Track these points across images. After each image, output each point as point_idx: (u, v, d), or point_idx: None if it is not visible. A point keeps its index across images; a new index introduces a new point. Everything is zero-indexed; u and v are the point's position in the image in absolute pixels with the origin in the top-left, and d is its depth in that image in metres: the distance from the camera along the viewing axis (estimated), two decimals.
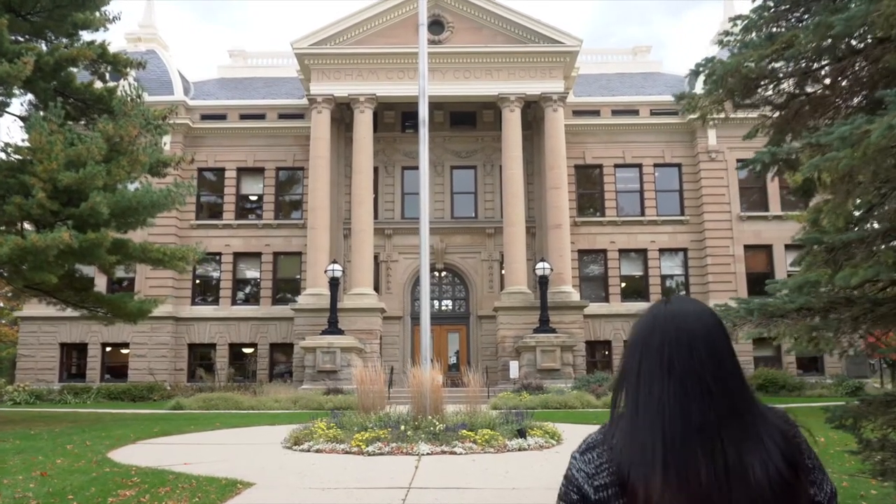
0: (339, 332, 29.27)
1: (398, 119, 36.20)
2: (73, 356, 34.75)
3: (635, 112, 36.34)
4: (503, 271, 33.40)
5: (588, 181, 36.46)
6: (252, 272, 35.89)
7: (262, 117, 36.56)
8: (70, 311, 24.08)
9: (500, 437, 12.82)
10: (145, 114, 18.96)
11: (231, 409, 23.77)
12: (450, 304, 35.41)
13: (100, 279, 32.23)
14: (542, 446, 12.94)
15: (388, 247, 34.92)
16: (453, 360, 33.91)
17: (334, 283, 29.41)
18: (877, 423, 5.65)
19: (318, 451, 12.54)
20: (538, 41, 32.93)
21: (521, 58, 32.81)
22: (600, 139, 36.01)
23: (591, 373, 30.46)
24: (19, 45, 18.65)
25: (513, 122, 32.45)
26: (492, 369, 30.81)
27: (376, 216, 34.04)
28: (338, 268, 29.47)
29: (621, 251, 35.24)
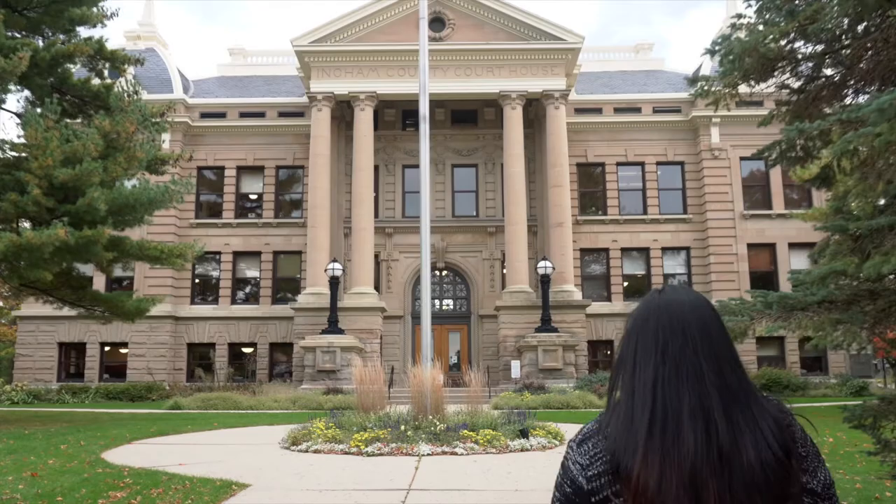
0: (340, 332, 29.05)
1: (399, 117, 35.97)
2: (72, 356, 34.54)
3: (638, 110, 36.10)
4: (504, 270, 33.18)
5: (590, 179, 36.22)
6: (252, 271, 35.67)
7: (261, 115, 36.34)
8: (69, 311, 23.84)
9: (503, 438, 12.59)
10: (142, 110, 18.71)
11: (230, 409, 23.56)
12: (451, 303, 35.18)
13: (98, 279, 32.06)
14: (544, 447, 12.71)
15: (389, 246, 34.69)
16: (454, 359, 33.69)
17: (334, 282, 29.19)
18: None
19: (316, 451, 12.32)
20: (540, 38, 32.69)
21: (523, 55, 32.57)
22: (602, 137, 35.77)
23: (594, 372, 30.23)
24: (15, 40, 18.41)
25: (514, 120, 32.22)
26: (493, 369, 30.59)
27: (377, 215, 33.81)
28: (338, 267, 29.25)
29: (623, 250, 35.00)
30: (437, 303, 34.11)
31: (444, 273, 35.09)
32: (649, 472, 1.45)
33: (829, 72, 5.56)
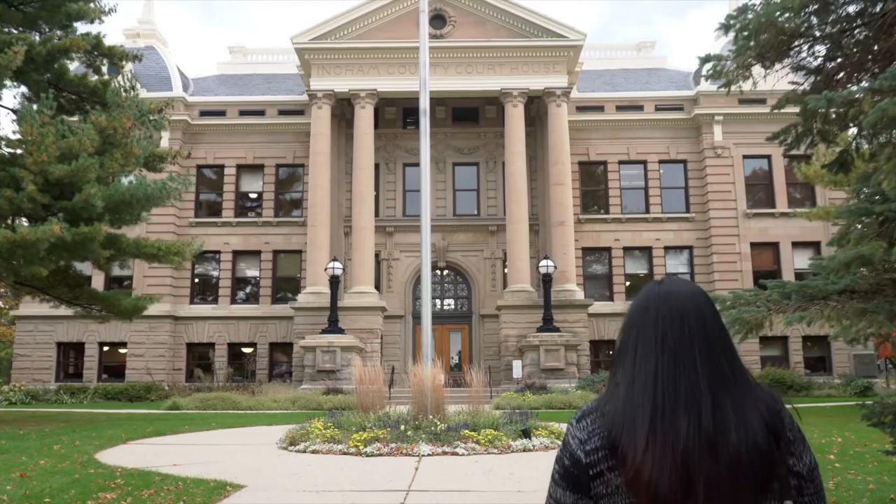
0: (340, 332, 28.81)
1: (399, 115, 35.74)
2: (70, 356, 34.32)
3: (640, 108, 35.85)
4: (506, 269, 32.94)
5: (592, 178, 35.97)
6: (251, 270, 35.44)
7: (261, 113, 36.11)
8: (68, 311, 23.59)
9: (504, 438, 12.34)
10: (139, 106, 18.47)
11: (229, 410, 23.33)
12: (452, 302, 34.93)
13: (98, 278, 31.85)
14: (547, 447, 12.46)
15: (390, 245, 34.45)
16: (456, 359, 33.45)
17: (335, 282, 28.95)
18: None
19: (314, 451, 12.08)
20: (541, 35, 32.45)
21: (524, 52, 32.34)
22: (604, 135, 35.52)
23: (596, 372, 30.00)
24: (10, 35, 18.19)
25: (516, 118, 31.97)
26: (495, 369, 30.35)
27: (377, 214, 33.58)
28: (338, 266, 29.01)
29: (626, 249, 34.75)
30: (438, 302, 33.87)
31: (446, 272, 34.84)
32: (645, 458, 1.50)
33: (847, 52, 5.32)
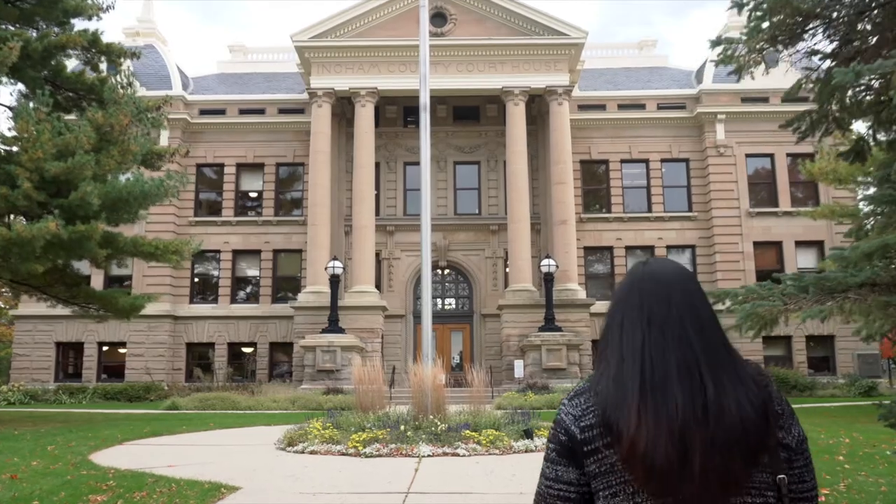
0: (340, 331, 28.60)
1: (400, 114, 35.53)
2: (70, 355, 34.12)
3: (642, 106, 35.62)
4: (507, 269, 32.73)
5: (594, 177, 35.75)
6: (252, 270, 35.24)
7: (261, 112, 35.90)
8: (67, 311, 23.38)
9: (506, 438, 12.13)
10: (137, 103, 18.27)
11: (228, 410, 23.13)
12: (453, 302, 34.72)
13: (97, 278, 31.67)
14: None
15: (390, 244, 34.24)
16: (457, 359, 33.22)
17: (335, 281, 28.74)
18: None
19: (312, 452, 11.87)
20: (543, 33, 32.23)
21: (526, 50, 32.12)
22: (606, 134, 35.30)
23: None
24: (6, 31, 17.99)
25: (517, 116, 31.75)
26: (496, 369, 30.14)
27: (378, 213, 33.37)
28: (338, 265, 28.81)
29: (628, 248, 34.52)
30: (439, 302, 33.67)
31: (447, 272, 34.63)
32: (640, 430, 1.51)
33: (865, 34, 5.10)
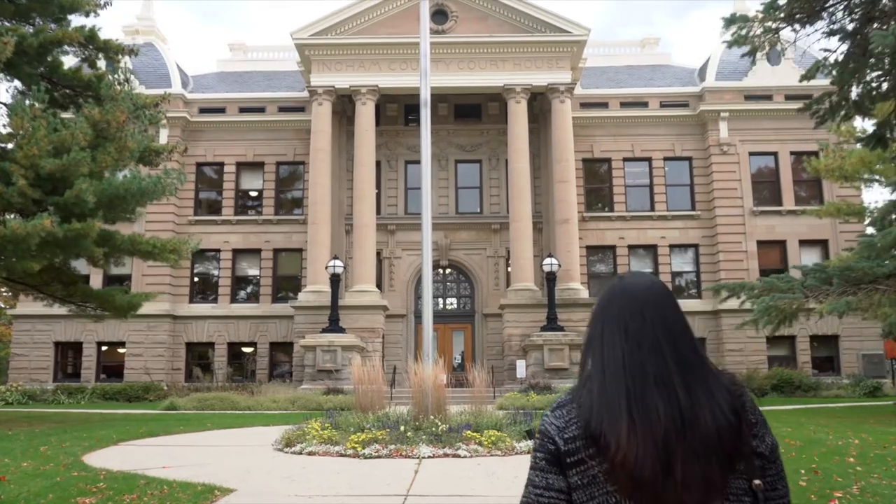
0: (341, 331, 28.37)
1: (401, 112, 35.29)
2: (69, 355, 33.91)
3: (644, 104, 35.37)
4: (509, 268, 32.48)
5: (596, 175, 35.50)
6: (252, 269, 35.01)
7: (261, 110, 35.67)
8: (65, 310, 23.14)
9: (508, 439, 11.88)
10: (134, 99, 18.05)
11: (227, 410, 22.89)
12: (454, 301, 34.46)
13: (96, 277, 31.48)
14: None
15: (391, 243, 34.00)
16: (458, 359, 32.99)
17: (335, 280, 28.50)
18: None
19: (310, 453, 11.63)
20: (545, 31, 31.98)
21: (528, 48, 31.87)
22: (608, 132, 35.05)
23: None
24: (2, 27, 17.77)
25: (519, 115, 31.50)
26: (498, 369, 29.91)
27: (379, 211, 33.12)
28: (339, 264, 28.57)
29: (630, 247, 34.28)
30: (440, 301, 33.43)
31: (448, 271, 34.39)
32: (630, 443, 1.54)
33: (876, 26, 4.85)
